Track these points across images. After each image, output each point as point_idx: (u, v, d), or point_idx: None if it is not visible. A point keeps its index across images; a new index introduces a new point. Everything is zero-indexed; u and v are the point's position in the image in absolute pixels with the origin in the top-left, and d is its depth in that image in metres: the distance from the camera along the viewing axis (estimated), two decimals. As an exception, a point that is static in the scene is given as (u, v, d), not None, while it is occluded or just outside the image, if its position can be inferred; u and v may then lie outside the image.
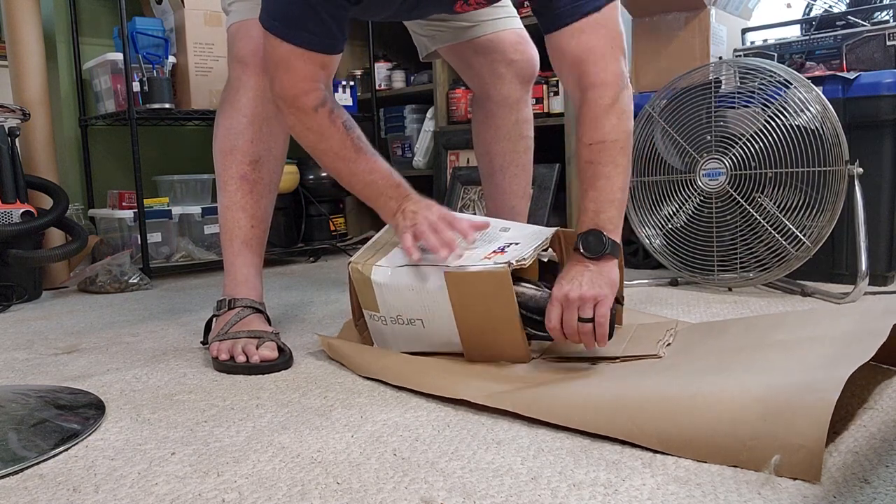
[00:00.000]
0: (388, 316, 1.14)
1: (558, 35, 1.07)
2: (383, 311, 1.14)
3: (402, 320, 1.13)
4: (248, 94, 1.26)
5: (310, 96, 1.10)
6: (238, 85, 1.27)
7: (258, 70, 1.25)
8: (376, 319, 1.16)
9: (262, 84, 1.25)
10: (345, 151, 1.13)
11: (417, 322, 1.11)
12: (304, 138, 1.14)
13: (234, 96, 1.27)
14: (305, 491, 0.72)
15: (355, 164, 1.13)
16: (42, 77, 2.09)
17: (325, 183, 2.55)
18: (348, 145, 1.12)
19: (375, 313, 1.15)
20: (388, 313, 1.14)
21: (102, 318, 1.65)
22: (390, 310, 1.13)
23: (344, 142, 1.12)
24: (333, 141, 1.12)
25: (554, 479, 0.72)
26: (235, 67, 1.28)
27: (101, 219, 2.27)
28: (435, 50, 1.51)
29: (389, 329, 1.15)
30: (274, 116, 1.28)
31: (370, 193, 1.15)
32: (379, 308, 1.14)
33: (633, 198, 1.80)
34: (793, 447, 0.70)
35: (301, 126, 1.12)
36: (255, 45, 1.23)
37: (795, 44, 1.84)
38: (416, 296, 1.09)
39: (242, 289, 1.26)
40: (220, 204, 1.30)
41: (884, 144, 1.61)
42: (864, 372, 1.00)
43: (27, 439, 0.86)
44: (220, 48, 2.26)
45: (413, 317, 1.11)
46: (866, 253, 1.52)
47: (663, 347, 1.06)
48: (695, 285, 1.73)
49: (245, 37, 1.25)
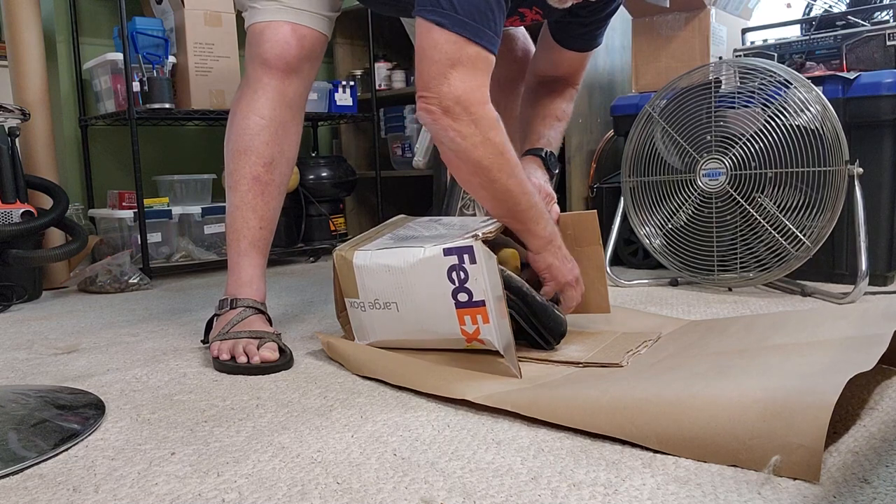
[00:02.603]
0: (367, 301, 1.15)
1: (576, 53, 1.37)
2: (362, 295, 1.15)
3: (378, 304, 1.14)
4: (267, 96, 1.25)
5: (490, 106, 1.06)
6: (258, 86, 1.26)
7: (280, 74, 1.24)
8: (356, 307, 1.17)
9: (283, 87, 1.25)
10: (518, 170, 1.09)
11: (392, 306, 1.12)
12: (473, 151, 1.05)
13: (252, 96, 1.26)
14: (305, 491, 0.72)
15: (526, 184, 1.10)
16: (42, 77, 2.09)
17: (325, 183, 2.55)
18: (518, 163, 1.10)
19: (355, 300, 1.17)
20: (367, 297, 1.15)
21: (102, 318, 1.65)
22: (368, 293, 1.14)
23: (517, 159, 1.09)
24: (510, 156, 1.08)
25: (554, 479, 0.72)
26: (257, 68, 1.26)
27: (101, 219, 2.27)
28: None
29: (367, 316, 1.16)
30: (290, 120, 1.28)
31: (533, 215, 1.11)
32: (359, 293, 1.16)
33: (633, 198, 1.80)
34: (792, 447, 0.70)
35: (478, 136, 1.04)
36: (281, 48, 1.23)
37: (795, 44, 1.84)
38: (392, 276, 1.10)
39: (246, 289, 1.26)
40: (229, 203, 1.29)
41: (884, 144, 1.61)
42: (865, 372, 1.00)
43: (27, 439, 0.86)
44: (220, 48, 2.26)
45: (389, 300, 1.12)
46: (866, 253, 1.52)
47: (629, 357, 1.06)
48: (695, 285, 1.73)
49: (272, 39, 1.24)
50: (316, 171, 2.54)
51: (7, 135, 1.62)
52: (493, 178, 1.07)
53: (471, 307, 1.05)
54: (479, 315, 1.05)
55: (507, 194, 1.09)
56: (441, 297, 1.07)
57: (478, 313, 1.05)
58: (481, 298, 1.03)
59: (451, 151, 1.07)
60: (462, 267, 1.04)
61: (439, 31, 1.03)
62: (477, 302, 1.04)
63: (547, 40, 1.37)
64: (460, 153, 1.06)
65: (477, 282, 1.03)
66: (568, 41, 1.35)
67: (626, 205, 1.81)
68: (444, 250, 1.05)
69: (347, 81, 2.65)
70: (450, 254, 1.05)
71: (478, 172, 1.07)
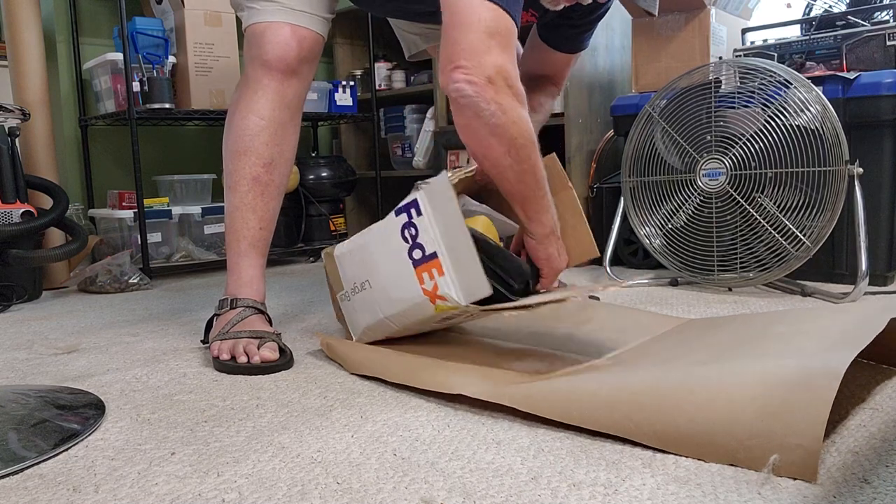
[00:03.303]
0: (349, 288, 1.16)
1: (563, 55, 1.39)
2: (346, 284, 1.17)
3: (357, 288, 1.15)
4: (267, 97, 1.25)
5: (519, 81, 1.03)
6: (257, 87, 1.26)
7: (280, 75, 1.25)
8: (344, 299, 1.19)
9: (283, 89, 1.25)
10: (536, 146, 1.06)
11: (366, 284, 1.12)
12: (512, 127, 1.02)
13: (251, 97, 1.26)
14: (305, 491, 0.72)
15: (544, 171, 1.08)
16: (42, 77, 2.09)
17: (325, 183, 2.55)
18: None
19: (342, 291, 1.18)
20: (348, 285, 1.16)
21: (102, 318, 1.65)
22: (348, 281, 1.16)
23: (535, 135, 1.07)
24: (532, 135, 1.05)
25: (554, 479, 0.72)
26: (257, 69, 1.26)
27: (101, 219, 2.27)
28: (424, 49, 1.52)
29: (352, 305, 1.17)
30: (289, 121, 1.28)
31: (545, 203, 1.09)
32: (343, 284, 1.17)
33: (633, 198, 1.80)
34: (790, 446, 0.70)
35: (517, 112, 1.02)
36: (282, 50, 1.23)
37: (795, 44, 1.84)
38: (360, 254, 1.12)
39: (246, 290, 1.26)
40: (228, 203, 1.29)
41: (884, 144, 1.61)
42: (864, 372, 1.00)
43: (27, 439, 0.86)
44: (220, 48, 2.26)
45: (362, 279, 1.13)
46: (866, 253, 1.52)
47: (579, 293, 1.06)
48: (695, 285, 1.73)
49: (273, 40, 1.24)
50: (316, 171, 2.54)
51: (7, 135, 1.62)
52: (524, 156, 1.03)
53: (425, 262, 1.02)
54: (433, 269, 1.01)
55: (533, 176, 1.06)
56: (401, 261, 1.05)
57: (432, 267, 1.01)
58: (433, 250, 1.00)
59: (488, 126, 1.01)
60: (412, 223, 1.02)
61: (479, 2, 0.99)
62: (430, 255, 1.01)
63: (535, 40, 1.39)
64: (498, 128, 1.01)
65: (427, 233, 1.00)
66: (557, 42, 1.37)
67: (626, 205, 1.81)
68: (395, 211, 1.05)
69: (347, 81, 2.65)
70: (400, 212, 1.04)
71: (512, 150, 1.02)
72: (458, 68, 1.00)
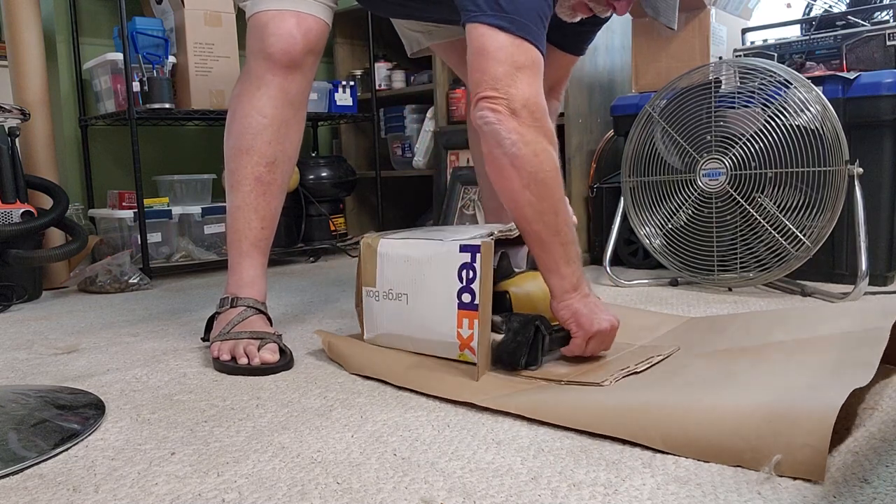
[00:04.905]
0: (382, 290, 1.16)
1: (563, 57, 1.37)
2: (379, 284, 1.16)
3: (391, 294, 1.15)
4: (269, 94, 1.22)
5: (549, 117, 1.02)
6: (260, 83, 1.23)
7: (284, 70, 1.21)
8: (371, 295, 1.19)
9: (286, 85, 1.23)
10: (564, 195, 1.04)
11: (403, 297, 1.13)
12: (533, 160, 0.99)
13: (253, 93, 1.23)
14: (305, 491, 0.72)
15: (569, 216, 1.04)
16: (42, 77, 2.09)
17: (325, 183, 2.55)
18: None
19: (372, 289, 1.18)
20: (383, 287, 1.16)
21: (102, 318, 1.65)
22: (384, 283, 1.15)
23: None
24: (560, 177, 1.02)
25: (554, 479, 0.72)
26: (260, 63, 1.22)
27: (101, 219, 2.27)
28: (426, 46, 1.51)
29: (379, 306, 1.17)
30: (292, 118, 1.26)
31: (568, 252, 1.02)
32: (376, 282, 1.17)
33: (633, 198, 1.80)
34: (797, 446, 0.70)
35: (540, 145, 1.00)
36: (286, 42, 1.20)
37: (795, 44, 1.84)
38: (409, 267, 1.11)
39: (247, 289, 1.26)
40: (230, 203, 1.28)
41: (884, 144, 1.61)
42: (864, 372, 1.00)
43: (27, 439, 0.86)
44: (220, 48, 2.26)
45: (401, 290, 1.13)
46: (866, 253, 1.52)
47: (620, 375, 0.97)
48: (695, 285, 1.73)
49: (276, 32, 1.20)
50: (316, 171, 2.54)
51: (7, 135, 1.62)
52: (545, 193, 1.00)
53: (470, 310, 1.05)
54: (475, 320, 1.03)
55: (553, 217, 1.01)
56: (447, 294, 1.06)
57: (474, 318, 1.03)
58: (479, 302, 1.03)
59: (508, 156, 0.99)
60: (472, 266, 1.03)
61: (504, 35, 1.00)
62: (475, 305, 1.04)
63: None
64: (518, 159, 0.99)
65: (479, 283, 1.03)
66: (560, 40, 1.34)
67: (626, 205, 1.81)
68: (460, 246, 1.05)
69: (347, 81, 2.65)
70: (465, 251, 1.04)
71: (532, 185, 0.99)
72: (484, 98, 1.01)
